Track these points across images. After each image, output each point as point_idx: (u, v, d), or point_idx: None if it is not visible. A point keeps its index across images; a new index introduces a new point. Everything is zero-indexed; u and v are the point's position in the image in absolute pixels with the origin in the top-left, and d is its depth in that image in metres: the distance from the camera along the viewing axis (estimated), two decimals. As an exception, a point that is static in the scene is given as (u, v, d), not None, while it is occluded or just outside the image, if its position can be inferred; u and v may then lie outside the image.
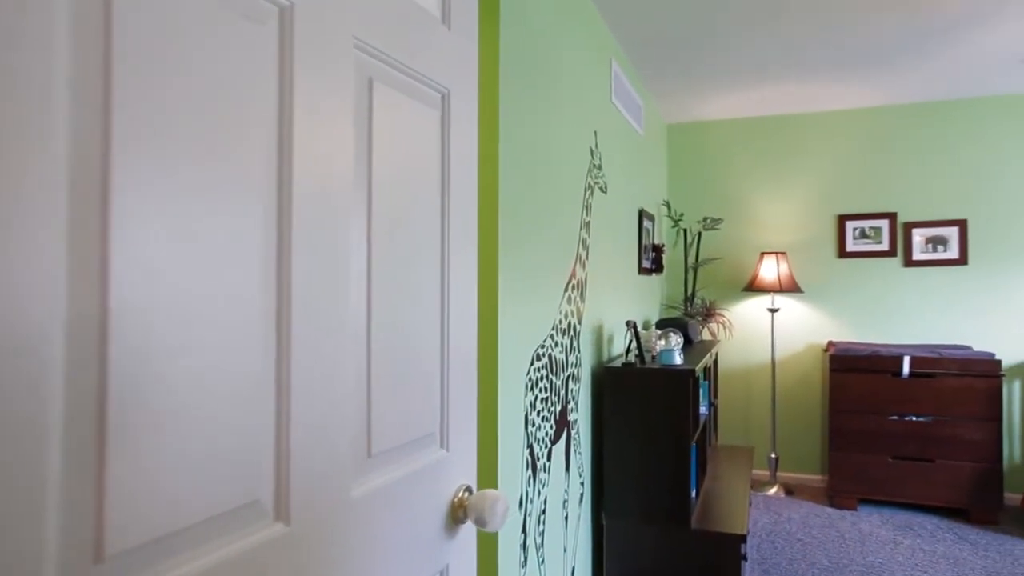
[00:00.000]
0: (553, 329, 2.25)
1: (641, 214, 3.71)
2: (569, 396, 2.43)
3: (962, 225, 4.09)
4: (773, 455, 4.22)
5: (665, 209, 4.46)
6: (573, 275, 2.48)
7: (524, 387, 1.99)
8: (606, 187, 2.98)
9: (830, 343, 4.22)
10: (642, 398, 2.65)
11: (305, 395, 0.78)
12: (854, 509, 3.85)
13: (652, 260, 3.99)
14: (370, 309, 0.91)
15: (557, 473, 2.30)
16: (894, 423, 3.79)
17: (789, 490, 4.18)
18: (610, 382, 2.70)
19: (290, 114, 0.77)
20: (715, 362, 4.02)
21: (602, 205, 2.95)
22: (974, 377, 3.66)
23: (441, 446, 1.11)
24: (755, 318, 4.48)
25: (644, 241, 3.83)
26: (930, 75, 3.71)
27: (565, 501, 2.40)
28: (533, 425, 2.06)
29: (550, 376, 2.21)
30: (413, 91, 1.03)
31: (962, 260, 4.09)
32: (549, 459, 2.21)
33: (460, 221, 1.16)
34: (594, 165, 2.78)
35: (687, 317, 4.18)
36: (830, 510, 3.87)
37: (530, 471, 2.04)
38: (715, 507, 2.90)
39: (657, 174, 4.36)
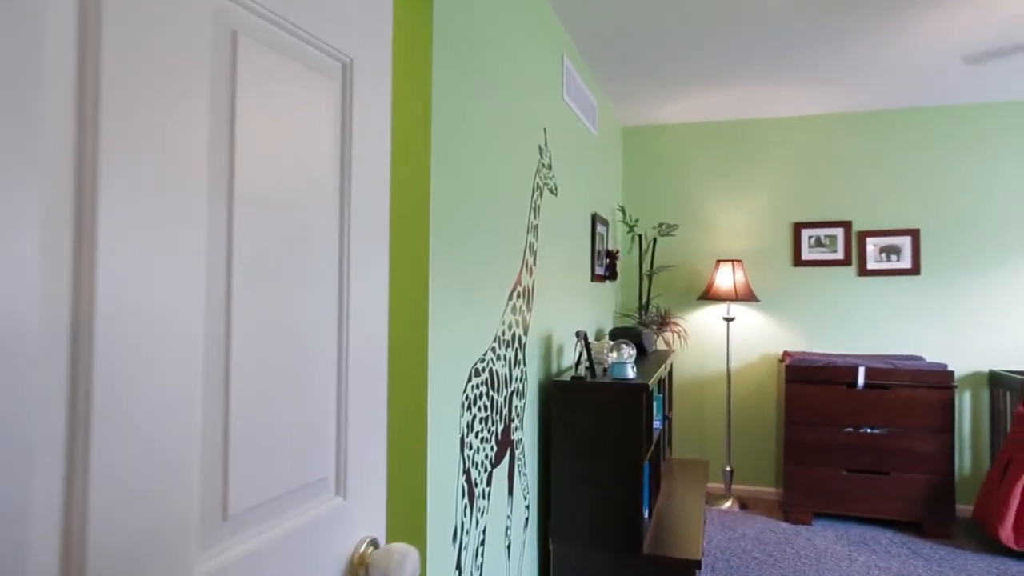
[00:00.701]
0: (495, 341, 2.07)
1: (594, 218, 3.55)
2: (513, 413, 2.24)
3: (915, 234, 4.07)
4: (728, 468, 4.11)
5: (620, 214, 4.33)
6: (519, 282, 2.30)
7: (460, 406, 1.80)
8: (556, 189, 2.82)
9: (785, 353, 4.14)
10: (592, 414, 2.48)
11: (115, 444, 0.57)
12: (809, 524, 3.76)
13: (606, 267, 3.85)
14: (230, 323, 0.70)
15: (499, 498, 2.11)
16: (849, 435, 3.72)
17: (744, 504, 4.08)
18: (558, 397, 2.53)
19: (96, 70, 0.56)
20: (670, 373, 3.90)
21: (552, 208, 2.78)
22: (928, 389, 3.61)
23: (337, 493, 0.91)
24: (710, 327, 4.38)
25: (597, 247, 3.68)
26: (885, 83, 3.67)
27: (508, 528, 2.21)
28: (471, 448, 1.86)
29: (491, 393, 2.02)
30: (299, 54, 0.83)
31: (915, 270, 4.06)
32: (489, 484, 2.02)
33: (365, 218, 0.96)
34: (543, 165, 2.61)
35: (641, 326, 4.05)
36: (785, 525, 3.77)
37: (467, 499, 1.84)
38: (669, 529, 2.75)
39: (612, 177, 4.23)
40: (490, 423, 2.01)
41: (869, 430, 3.69)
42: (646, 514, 2.77)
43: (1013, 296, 3.92)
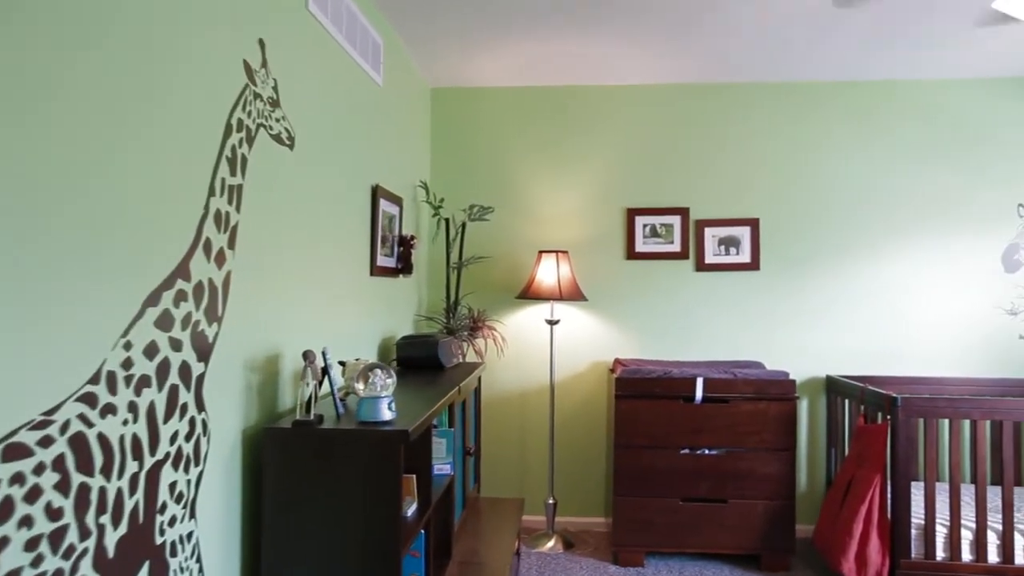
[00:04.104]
0: (96, 382, 1.13)
1: (376, 192, 2.68)
2: (161, 501, 1.31)
3: (754, 225, 3.62)
4: (551, 500, 3.43)
5: (423, 192, 3.49)
6: (182, 273, 1.37)
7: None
8: (292, 138, 1.91)
9: (617, 361, 3.54)
10: (328, 478, 1.62)
11: None
12: (641, 566, 3.17)
13: (398, 256, 2.99)
14: None
15: (113, 662, 1.18)
16: (685, 458, 3.16)
17: (569, 543, 3.42)
18: (274, 454, 1.63)
19: None
20: (477, 391, 3.13)
21: (286, 166, 1.87)
22: (769, 401, 3.13)
23: None
24: (532, 331, 3.68)
25: (385, 231, 2.81)
26: (731, 51, 3.14)
27: None
28: (-9, 609, 0.92)
29: (78, 478, 1.08)
30: None
31: (754, 264, 3.61)
32: (73, 651, 1.08)
33: None
34: (257, 95, 1.69)
35: (448, 332, 3.25)
36: (614, 569, 3.14)
37: None
38: (454, 622, 1.96)
39: (412, 146, 3.38)
40: (72, 539, 1.07)
41: (707, 451, 3.16)
42: (422, 605, 1.96)
43: (851, 295, 3.58)
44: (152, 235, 1.27)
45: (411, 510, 1.91)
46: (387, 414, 1.68)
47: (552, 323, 3.43)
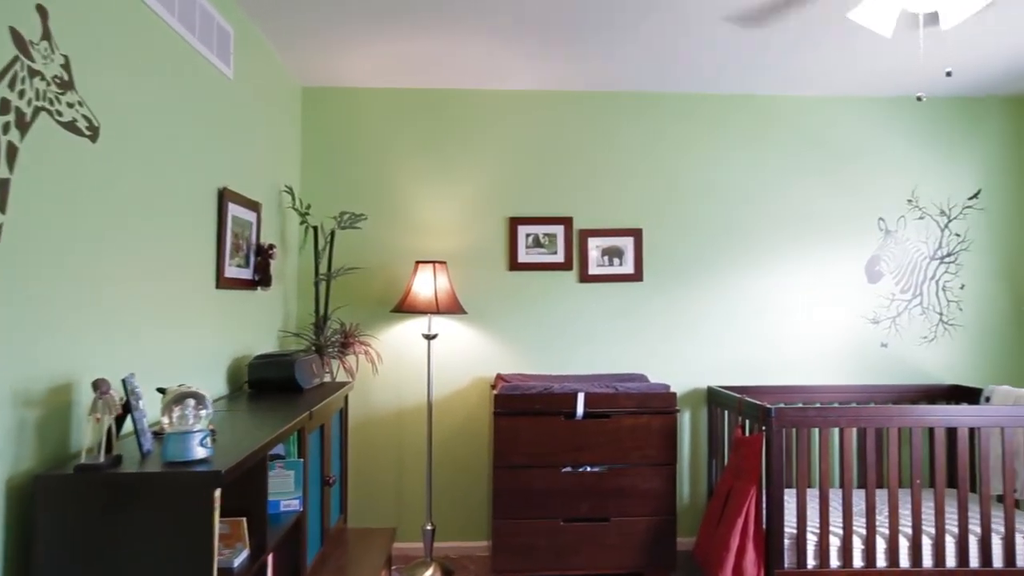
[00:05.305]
0: None
1: (223, 196, 2.41)
2: None
3: (637, 235, 3.59)
4: (429, 526, 3.22)
5: (288, 198, 3.21)
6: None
7: None
8: (95, 128, 1.62)
9: (499, 377, 3.39)
10: (123, 532, 1.35)
11: None
12: (522, 592, 3.02)
13: (255, 267, 2.71)
14: None
15: None
16: (567, 477, 3.05)
17: (448, 570, 3.22)
18: (52, 507, 1.35)
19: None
20: (343, 412, 2.88)
21: (85, 160, 1.59)
22: (651, 415, 3.08)
23: None
24: (409, 346, 3.47)
25: (238, 239, 2.54)
26: (615, 60, 3.08)
27: None
28: None
29: None
30: None
31: (637, 276, 3.57)
32: None
33: None
34: (34, 72, 1.41)
35: (315, 350, 2.99)
36: (494, 597, 2.98)
37: None
38: None
39: (278, 148, 3.11)
40: None
41: (589, 468, 3.07)
42: (256, 667, 1.70)
43: (729, 305, 3.62)
44: None
45: (241, 558, 1.67)
46: (199, 452, 1.43)
47: (430, 338, 3.24)
